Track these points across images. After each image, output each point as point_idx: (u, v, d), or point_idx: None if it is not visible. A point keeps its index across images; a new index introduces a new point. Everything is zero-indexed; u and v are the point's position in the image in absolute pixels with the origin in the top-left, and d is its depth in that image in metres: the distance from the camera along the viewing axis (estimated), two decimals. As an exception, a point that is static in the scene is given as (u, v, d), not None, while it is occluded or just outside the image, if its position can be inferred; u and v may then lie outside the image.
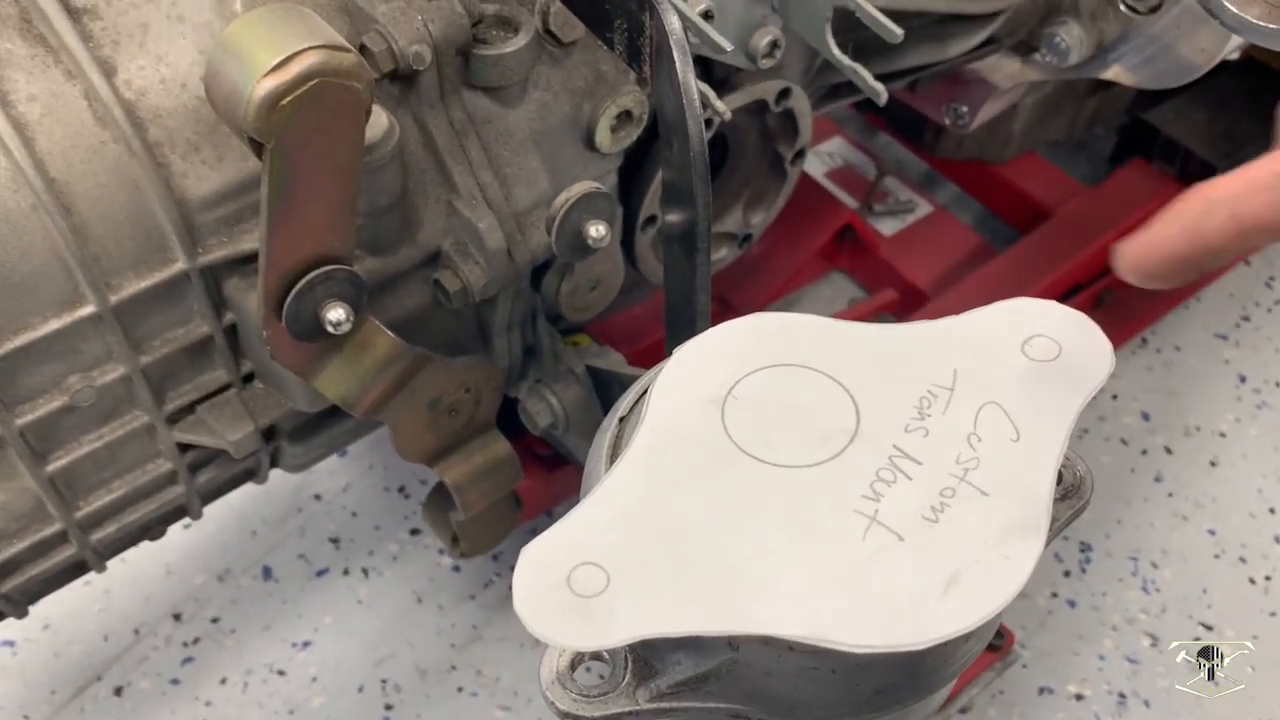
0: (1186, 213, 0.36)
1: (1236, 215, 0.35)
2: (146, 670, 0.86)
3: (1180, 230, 0.36)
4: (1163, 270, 0.37)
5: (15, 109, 0.49)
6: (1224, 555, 0.94)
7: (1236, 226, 0.35)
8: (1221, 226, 0.35)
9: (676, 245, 0.57)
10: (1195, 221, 0.36)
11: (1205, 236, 0.35)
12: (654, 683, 0.38)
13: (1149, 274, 0.38)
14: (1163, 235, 0.37)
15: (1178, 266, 0.37)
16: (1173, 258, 0.37)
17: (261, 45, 0.43)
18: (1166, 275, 0.37)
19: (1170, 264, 0.37)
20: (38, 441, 0.55)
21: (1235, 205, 0.35)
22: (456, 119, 0.56)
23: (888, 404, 0.40)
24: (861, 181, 1.09)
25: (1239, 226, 0.35)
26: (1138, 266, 0.38)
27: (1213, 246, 0.36)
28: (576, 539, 0.37)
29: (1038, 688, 0.87)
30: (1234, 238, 0.35)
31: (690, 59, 0.51)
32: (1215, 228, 0.35)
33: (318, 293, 0.51)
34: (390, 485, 0.97)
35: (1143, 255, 0.38)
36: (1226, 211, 0.35)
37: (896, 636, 0.35)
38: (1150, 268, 0.38)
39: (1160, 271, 0.37)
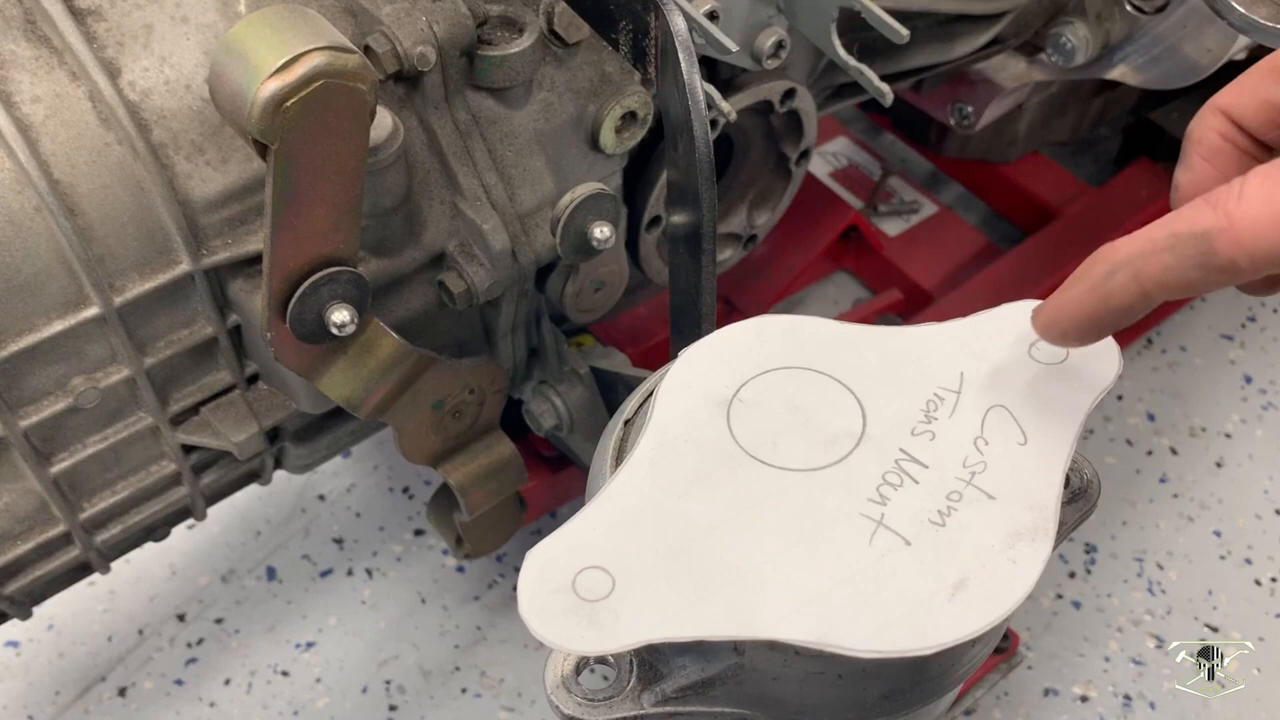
0: (1091, 274, 0.37)
1: (1138, 276, 0.35)
2: (150, 671, 0.86)
3: (1087, 291, 0.37)
4: (1077, 330, 0.38)
5: (20, 110, 0.49)
6: (1229, 556, 0.94)
7: (1139, 287, 0.35)
8: (1125, 287, 0.36)
9: (681, 246, 0.57)
10: (1100, 283, 0.36)
11: (1111, 298, 0.36)
12: (659, 687, 0.38)
13: (1064, 334, 0.38)
14: (1071, 297, 0.37)
15: (1088, 327, 0.37)
16: (1082, 318, 0.37)
17: (266, 46, 0.43)
18: (1081, 335, 0.38)
19: (1081, 324, 0.38)
20: (42, 443, 0.55)
21: (1136, 266, 0.35)
22: (461, 120, 0.56)
23: (894, 407, 0.40)
24: (866, 182, 1.09)
25: (1141, 287, 0.35)
26: (1052, 326, 0.39)
27: (1118, 307, 0.36)
28: (582, 542, 0.37)
29: (1043, 689, 0.87)
30: (1138, 298, 0.36)
31: (695, 59, 0.51)
32: (1119, 289, 0.36)
33: (322, 294, 0.50)
34: (394, 486, 0.97)
35: (1055, 317, 0.38)
36: (1129, 273, 0.35)
37: (903, 641, 0.34)
38: (1064, 327, 0.38)
39: (1074, 331, 0.38)
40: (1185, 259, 0.34)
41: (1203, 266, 0.34)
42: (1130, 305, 0.36)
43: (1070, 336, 0.38)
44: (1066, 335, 0.39)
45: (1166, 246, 0.35)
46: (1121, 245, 0.36)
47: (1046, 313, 0.39)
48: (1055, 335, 0.39)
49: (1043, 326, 0.39)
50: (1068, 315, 0.38)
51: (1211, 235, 0.34)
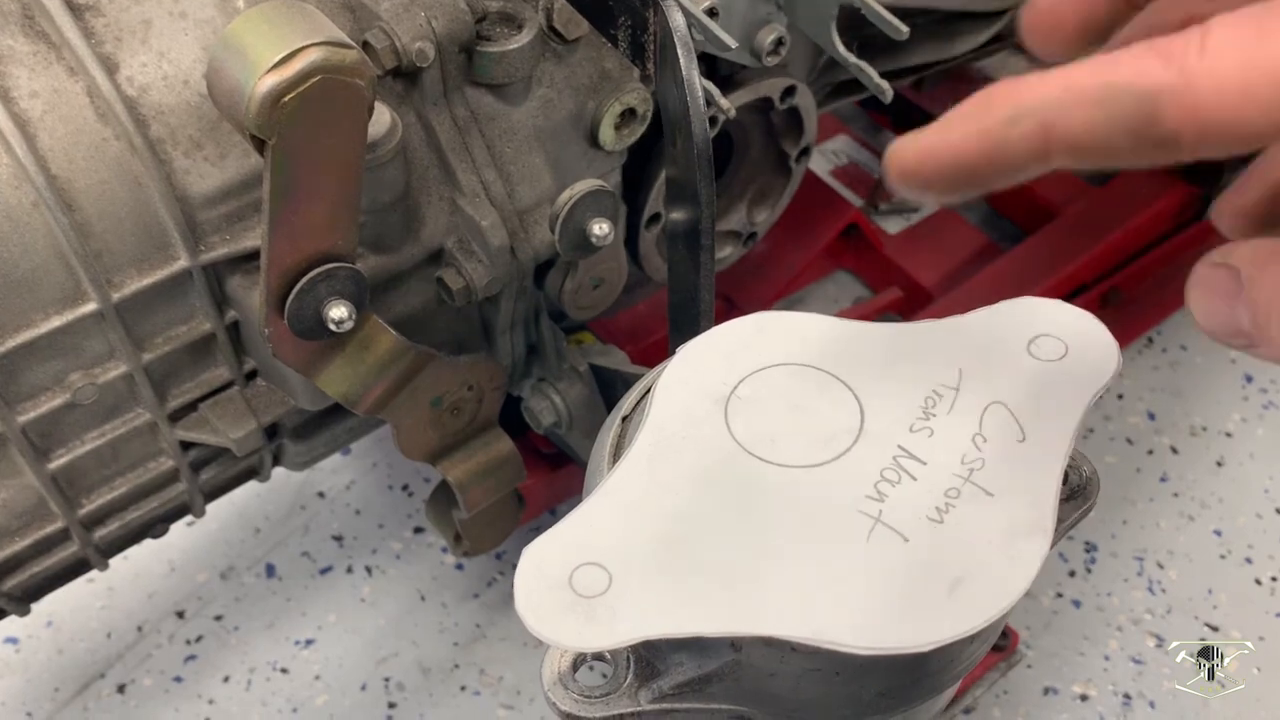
0: (988, 114, 0.29)
1: (1048, 129, 0.28)
2: (149, 668, 0.86)
3: (978, 135, 0.29)
4: (943, 178, 0.30)
5: (17, 105, 0.49)
6: (1230, 556, 0.94)
7: (1043, 141, 0.28)
8: (1026, 139, 0.28)
9: (680, 244, 0.57)
10: (997, 128, 0.28)
11: (1005, 147, 0.28)
12: (656, 683, 0.38)
13: (925, 180, 0.30)
14: (953, 137, 0.30)
15: (961, 177, 0.30)
16: (959, 165, 0.30)
17: (263, 42, 0.43)
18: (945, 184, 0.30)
19: (954, 172, 0.30)
20: (39, 439, 0.55)
21: (1050, 116, 0.28)
22: (460, 116, 0.56)
23: (892, 403, 0.40)
24: (867, 179, 1.09)
25: (1046, 142, 0.28)
26: (916, 170, 0.30)
27: (1010, 160, 0.29)
28: (578, 539, 0.36)
29: (1042, 688, 0.87)
30: (1037, 154, 0.28)
31: (694, 56, 0.51)
32: (1019, 139, 0.28)
33: (320, 291, 0.50)
34: (394, 483, 0.97)
35: (924, 157, 0.30)
36: (1036, 122, 0.28)
37: (901, 638, 0.34)
38: (930, 173, 0.30)
39: (940, 179, 0.30)
40: (1116, 120, 0.27)
41: (1135, 134, 0.27)
42: (1024, 163, 0.29)
43: (931, 184, 0.30)
44: (927, 182, 0.30)
45: (1095, 100, 0.27)
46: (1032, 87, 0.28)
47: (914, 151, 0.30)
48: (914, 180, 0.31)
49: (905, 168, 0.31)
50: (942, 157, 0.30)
51: (1159, 95, 0.26)
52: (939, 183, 0.30)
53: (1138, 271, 1.00)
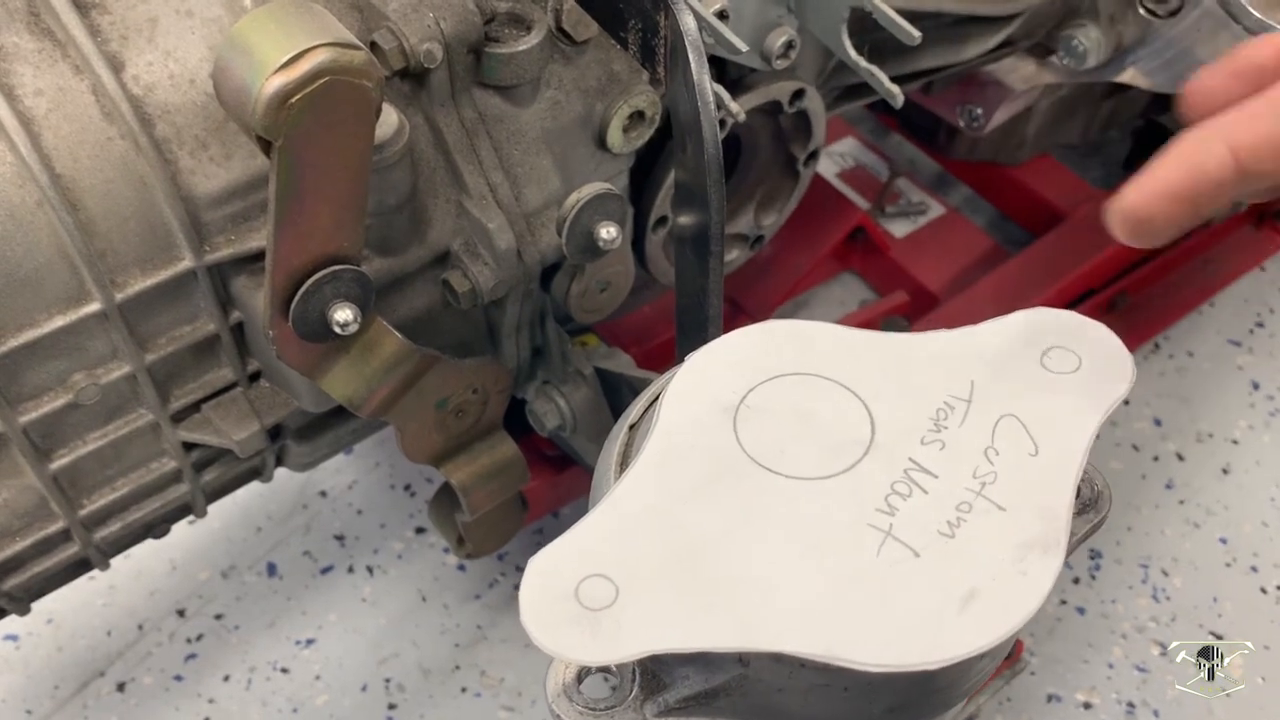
0: (1184, 148, 0.35)
1: (1233, 144, 0.34)
2: (150, 666, 0.86)
3: (1177, 164, 0.35)
4: (1165, 211, 0.35)
5: (22, 103, 0.49)
6: (1235, 564, 0.93)
7: (1232, 155, 0.34)
8: (1219, 158, 0.34)
9: (688, 248, 0.56)
10: (1191, 154, 0.35)
11: (1204, 168, 0.35)
12: (662, 697, 0.37)
13: (1150, 217, 0.36)
14: (1161, 174, 0.36)
15: (1176, 208, 0.35)
16: (1171, 195, 0.35)
17: (270, 42, 0.43)
18: (1165, 219, 0.36)
19: (1169, 205, 0.35)
20: (41, 439, 0.54)
21: (1230, 133, 0.34)
22: (467, 118, 0.56)
23: (903, 415, 0.40)
24: (874, 182, 1.08)
25: (1235, 155, 0.34)
26: (1137, 211, 0.36)
27: (1212, 180, 0.34)
28: (585, 550, 0.36)
29: (1046, 695, 0.86)
30: (1231, 170, 0.34)
31: (705, 59, 0.50)
32: (1213, 158, 0.34)
33: (325, 293, 0.50)
34: (396, 483, 0.97)
35: (1142, 199, 0.36)
36: (1221, 141, 0.34)
37: (911, 655, 0.34)
38: (1150, 209, 0.36)
39: (1160, 213, 0.35)
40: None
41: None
42: (1222, 179, 0.34)
43: (1153, 222, 0.36)
44: (1148, 222, 0.36)
45: (1264, 113, 0.34)
46: (1210, 120, 0.35)
47: (1133, 197, 0.36)
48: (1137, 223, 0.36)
49: (1126, 213, 0.36)
50: (1156, 193, 0.35)
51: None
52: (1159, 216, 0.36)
53: (1145, 276, 1.00)
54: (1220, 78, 0.39)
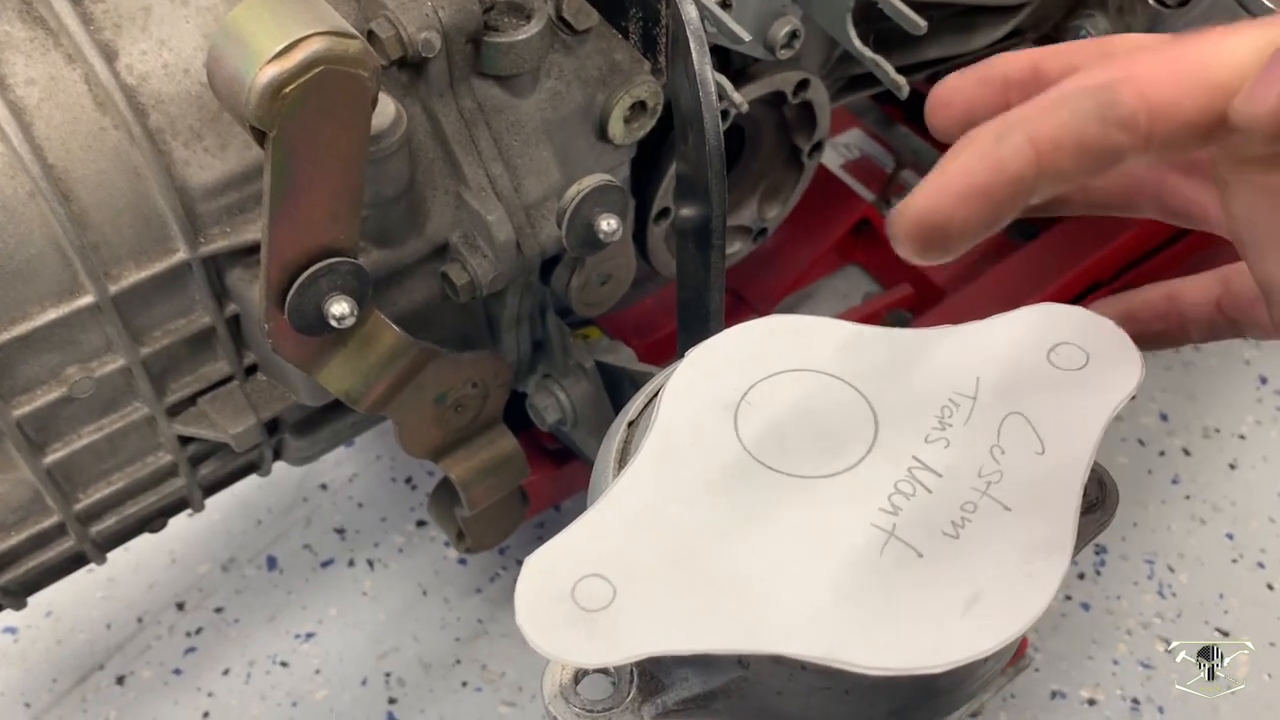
0: (979, 142, 0.31)
1: (1032, 136, 0.31)
2: (149, 659, 0.86)
3: (977, 159, 0.31)
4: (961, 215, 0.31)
5: (14, 93, 0.48)
6: (1242, 559, 0.92)
7: (1033, 149, 0.31)
8: (1019, 149, 0.31)
9: (690, 241, 0.55)
10: (990, 148, 0.31)
11: (1005, 164, 0.31)
12: (660, 698, 0.36)
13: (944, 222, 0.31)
14: (954, 170, 0.31)
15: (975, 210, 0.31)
16: (970, 194, 0.31)
17: (265, 31, 0.42)
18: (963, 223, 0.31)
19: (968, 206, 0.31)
20: (35, 433, 0.54)
21: (1029, 125, 0.31)
22: (466, 108, 0.55)
23: (907, 413, 0.39)
24: (879, 174, 1.07)
25: (1035, 148, 0.30)
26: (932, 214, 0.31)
27: (1013, 176, 0.31)
28: (582, 549, 0.35)
29: (1050, 692, 0.86)
30: (1032, 163, 0.31)
31: (707, 49, 0.50)
32: (1012, 151, 0.31)
33: (321, 285, 0.49)
34: (397, 476, 0.96)
35: (937, 199, 0.31)
36: (1021, 134, 0.31)
37: (914, 658, 0.33)
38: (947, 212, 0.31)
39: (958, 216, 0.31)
40: (1083, 112, 0.31)
41: (1102, 119, 0.30)
42: (1023, 174, 0.31)
43: (954, 225, 0.31)
44: (950, 223, 0.31)
45: (1060, 103, 0.31)
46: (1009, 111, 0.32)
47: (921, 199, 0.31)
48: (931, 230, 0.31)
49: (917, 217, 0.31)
50: (954, 193, 0.31)
51: (1112, 85, 0.31)
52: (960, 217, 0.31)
53: (1153, 269, 0.99)
54: (967, 84, 0.37)
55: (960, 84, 0.38)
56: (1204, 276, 0.43)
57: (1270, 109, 0.30)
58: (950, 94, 0.37)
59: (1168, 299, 0.43)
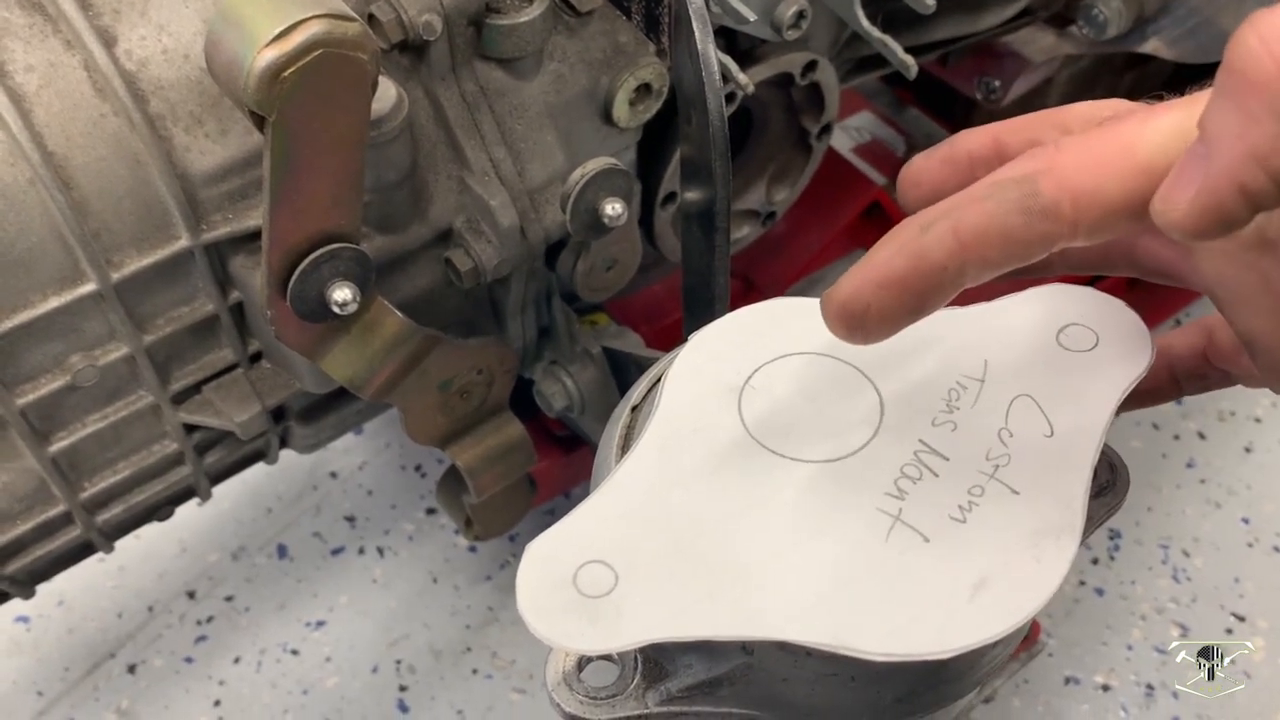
0: (901, 234, 0.32)
1: (955, 228, 0.32)
2: (160, 648, 0.86)
3: (897, 250, 0.32)
4: (880, 303, 0.32)
5: (12, 80, 0.48)
6: (1258, 544, 0.92)
7: (956, 239, 0.32)
8: (941, 240, 0.32)
9: (695, 224, 0.55)
10: (914, 238, 0.32)
11: (925, 255, 0.32)
12: (664, 685, 0.36)
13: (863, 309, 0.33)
14: (876, 261, 0.32)
15: (897, 298, 0.32)
16: (891, 284, 0.32)
17: (263, 14, 0.41)
18: (882, 311, 0.32)
19: (889, 294, 0.32)
20: (40, 421, 0.54)
21: (954, 217, 0.32)
22: (468, 91, 0.54)
23: (914, 396, 0.38)
24: (890, 157, 1.06)
25: (958, 239, 0.32)
26: (852, 302, 0.33)
27: (935, 266, 0.32)
28: (584, 535, 0.35)
29: (1063, 677, 0.85)
30: (955, 254, 0.32)
31: (710, 29, 0.49)
32: (935, 243, 0.32)
33: (323, 272, 0.49)
34: (407, 463, 0.96)
35: (858, 288, 0.33)
36: (946, 225, 0.32)
37: (920, 644, 0.33)
38: (867, 299, 0.32)
39: (877, 304, 0.32)
40: (1006, 203, 0.32)
41: (1025, 210, 0.31)
42: (945, 264, 0.32)
43: (872, 313, 0.32)
44: (868, 310, 0.32)
45: (986, 195, 0.32)
46: (935, 205, 0.33)
47: (845, 287, 0.33)
48: (852, 316, 0.33)
49: (840, 304, 0.33)
50: (874, 279, 0.32)
51: (1034, 176, 0.32)
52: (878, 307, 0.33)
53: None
54: (933, 164, 0.38)
55: (926, 165, 0.39)
56: (1188, 329, 0.43)
57: (1184, 213, 0.30)
58: (918, 174, 0.39)
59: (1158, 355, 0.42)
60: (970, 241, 0.32)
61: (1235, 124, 0.28)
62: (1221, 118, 0.29)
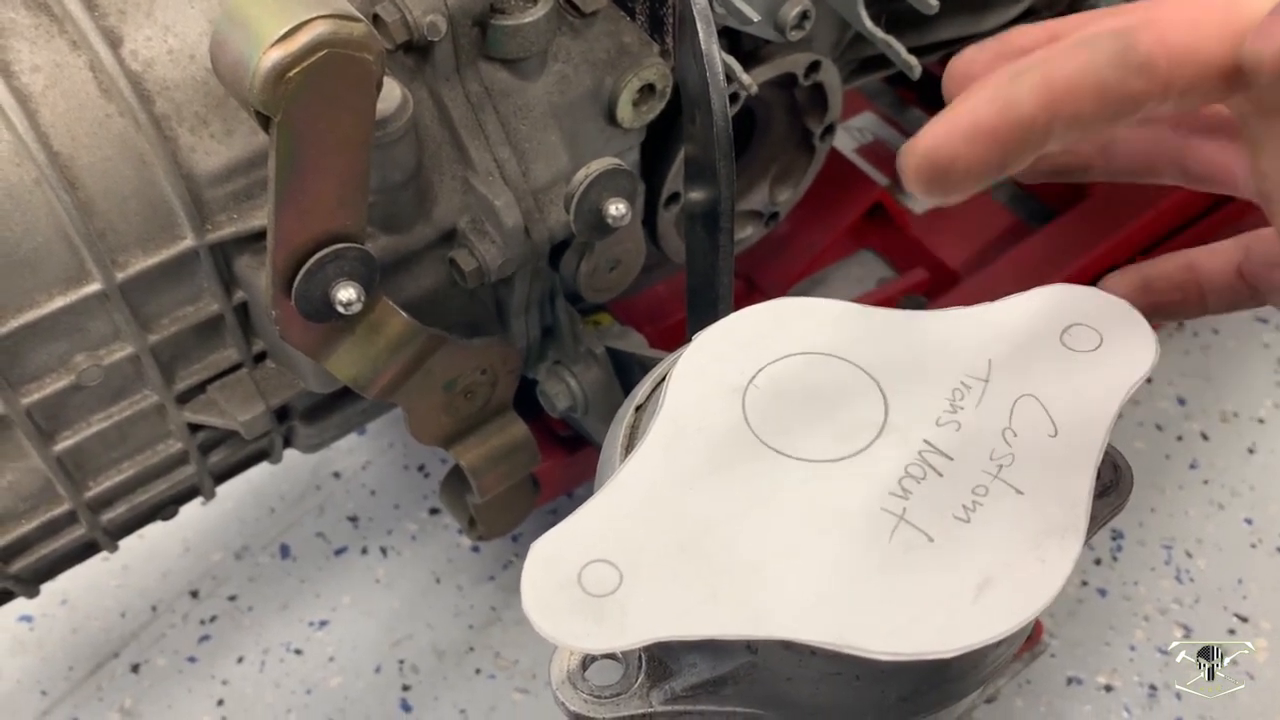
0: (994, 81, 0.31)
1: (1047, 78, 0.30)
2: (164, 648, 0.86)
3: (987, 99, 0.30)
4: (967, 155, 0.30)
5: (18, 80, 0.48)
6: (1261, 545, 0.92)
7: (1048, 89, 0.30)
8: (1034, 89, 0.30)
9: (698, 224, 0.55)
10: (1004, 87, 0.30)
11: (1017, 104, 0.30)
12: (669, 684, 0.36)
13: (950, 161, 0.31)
14: (967, 109, 0.31)
15: (983, 150, 0.30)
16: (978, 134, 0.30)
17: (268, 14, 0.42)
18: (969, 163, 0.31)
19: (976, 146, 0.30)
20: (45, 421, 0.54)
21: (1045, 67, 0.30)
22: (473, 92, 0.55)
23: (918, 395, 0.38)
24: (892, 157, 1.06)
25: (1050, 89, 0.30)
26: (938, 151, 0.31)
27: (1025, 117, 0.30)
28: (588, 534, 0.35)
29: (1066, 678, 0.85)
30: (1046, 105, 0.30)
31: (714, 30, 0.49)
32: (1026, 93, 0.30)
33: (328, 272, 0.49)
34: (410, 463, 0.96)
35: (944, 138, 0.31)
36: (1037, 74, 0.30)
37: (924, 643, 0.33)
38: (954, 151, 0.30)
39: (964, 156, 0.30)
40: (1100, 54, 0.30)
41: (1122, 64, 0.30)
42: (1035, 117, 0.30)
43: (959, 165, 0.31)
44: (955, 162, 0.31)
45: (1081, 45, 0.31)
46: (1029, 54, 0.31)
47: (929, 136, 0.31)
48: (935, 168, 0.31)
49: (924, 154, 0.31)
50: (962, 129, 0.30)
51: (1132, 29, 0.30)
52: (966, 155, 0.31)
53: (1170, 252, 0.97)
54: (986, 56, 0.37)
55: (978, 55, 0.37)
56: (1224, 244, 0.42)
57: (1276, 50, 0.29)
58: (968, 66, 0.37)
59: (1185, 269, 0.42)
60: (1062, 93, 0.30)
61: None
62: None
